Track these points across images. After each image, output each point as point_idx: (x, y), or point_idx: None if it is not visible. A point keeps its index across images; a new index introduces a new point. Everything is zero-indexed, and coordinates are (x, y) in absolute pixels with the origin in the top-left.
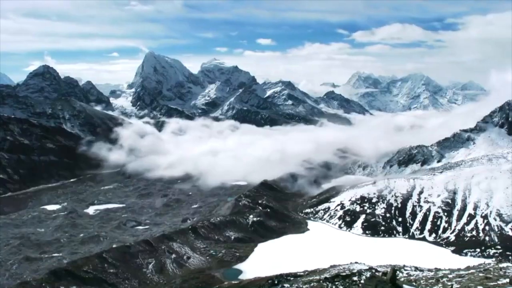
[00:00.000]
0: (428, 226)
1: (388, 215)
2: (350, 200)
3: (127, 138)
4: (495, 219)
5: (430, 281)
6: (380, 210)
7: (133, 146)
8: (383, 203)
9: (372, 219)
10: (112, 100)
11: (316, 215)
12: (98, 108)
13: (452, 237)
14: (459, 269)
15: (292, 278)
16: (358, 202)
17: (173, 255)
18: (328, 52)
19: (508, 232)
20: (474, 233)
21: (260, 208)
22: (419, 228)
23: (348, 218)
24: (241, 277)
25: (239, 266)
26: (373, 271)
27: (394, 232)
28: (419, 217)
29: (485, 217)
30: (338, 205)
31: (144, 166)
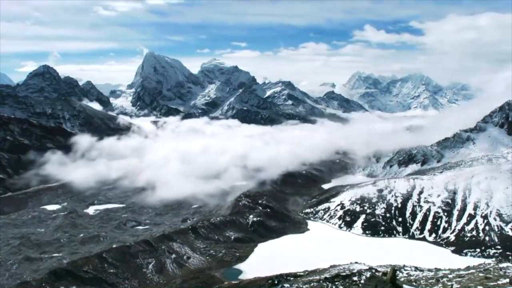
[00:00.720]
0: (428, 226)
1: (388, 215)
2: (350, 200)
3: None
4: (495, 219)
5: (430, 281)
6: (380, 210)
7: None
8: (383, 203)
9: (372, 219)
10: (112, 100)
11: (316, 215)
12: (95, 105)
13: (452, 237)
14: (459, 269)
15: (292, 278)
16: (358, 202)
17: (173, 255)
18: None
19: (508, 232)
20: (474, 233)
21: (260, 208)
22: (419, 228)
23: (348, 218)
24: (241, 277)
25: (239, 266)
26: (373, 271)
27: (394, 232)
28: (419, 217)
29: (485, 217)
30: (338, 205)
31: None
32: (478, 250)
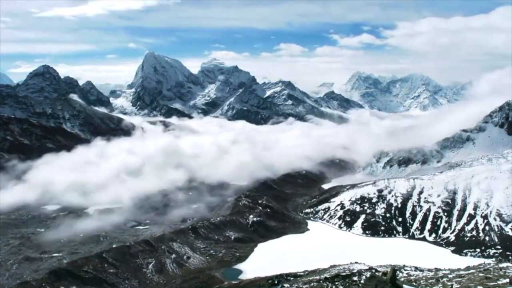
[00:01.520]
0: (428, 226)
1: (388, 215)
2: (350, 200)
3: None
4: (495, 219)
5: (430, 281)
6: (380, 210)
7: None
8: (383, 203)
9: (372, 219)
10: (112, 100)
11: (316, 215)
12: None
13: (452, 237)
14: (459, 269)
15: (292, 278)
16: (358, 202)
17: (173, 255)
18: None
19: (508, 232)
20: (474, 233)
21: (260, 208)
22: (419, 228)
23: (348, 218)
24: (241, 277)
25: (239, 266)
26: (373, 271)
27: (394, 232)
28: (419, 217)
29: (485, 217)
30: (338, 205)
31: None
32: (478, 250)
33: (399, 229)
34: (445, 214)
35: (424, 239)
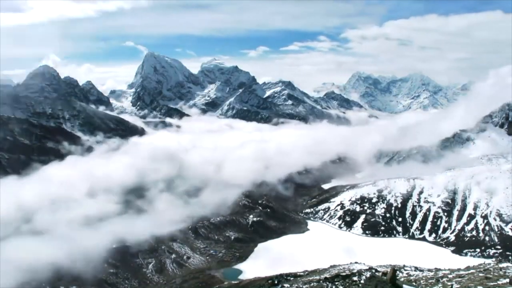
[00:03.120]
0: (428, 226)
1: (388, 215)
2: (350, 200)
3: None
4: (495, 219)
5: (430, 281)
6: (380, 210)
7: None
8: (383, 203)
9: (372, 219)
10: (112, 100)
11: (316, 215)
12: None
13: (452, 237)
14: (459, 269)
15: (292, 278)
16: (358, 202)
17: (173, 255)
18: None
19: (508, 232)
20: (474, 233)
21: (260, 208)
22: (419, 228)
23: (348, 218)
24: (241, 277)
25: (239, 266)
26: (373, 271)
27: (394, 232)
28: (419, 217)
29: (485, 217)
30: (338, 205)
31: None
32: (478, 250)
33: (399, 229)
34: (445, 214)
35: (424, 239)
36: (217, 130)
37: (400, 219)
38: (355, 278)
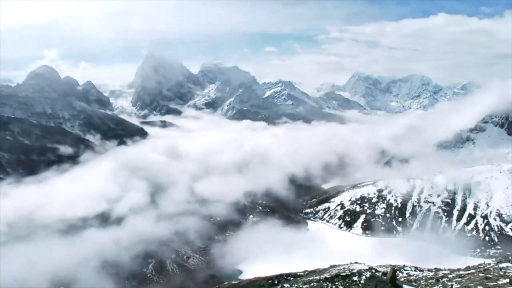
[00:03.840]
0: (428, 226)
1: (388, 215)
2: (350, 200)
3: None
4: (495, 219)
5: (430, 281)
6: (380, 210)
7: None
8: (383, 203)
9: (372, 219)
10: (112, 100)
11: (316, 215)
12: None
13: (452, 237)
14: (459, 269)
15: (292, 278)
16: (358, 202)
17: (173, 255)
18: None
19: (508, 232)
20: (474, 233)
21: (260, 208)
22: (419, 228)
23: (348, 218)
24: (241, 277)
25: (239, 266)
26: (373, 271)
27: (394, 232)
28: (419, 217)
29: (485, 217)
30: (338, 205)
31: None
32: (478, 250)
33: (399, 229)
34: (445, 214)
35: (424, 239)
36: (217, 131)
37: (400, 219)
38: (355, 278)
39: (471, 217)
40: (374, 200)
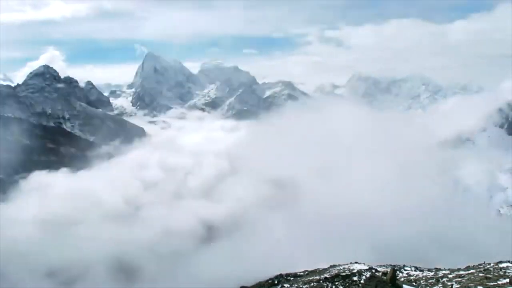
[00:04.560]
0: None
1: None
2: None
3: None
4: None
5: (430, 281)
6: None
7: None
8: None
9: None
10: (112, 100)
11: None
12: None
13: None
14: (459, 269)
15: (292, 278)
16: None
17: None
18: None
19: None
20: None
21: None
22: None
23: None
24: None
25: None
26: (373, 271)
27: None
28: None
29: None
30: None
31: None
32: None
33: None
34: None
35: None
36: (218, 131)
37: None
38: (355, 278)
39: None
40: None
